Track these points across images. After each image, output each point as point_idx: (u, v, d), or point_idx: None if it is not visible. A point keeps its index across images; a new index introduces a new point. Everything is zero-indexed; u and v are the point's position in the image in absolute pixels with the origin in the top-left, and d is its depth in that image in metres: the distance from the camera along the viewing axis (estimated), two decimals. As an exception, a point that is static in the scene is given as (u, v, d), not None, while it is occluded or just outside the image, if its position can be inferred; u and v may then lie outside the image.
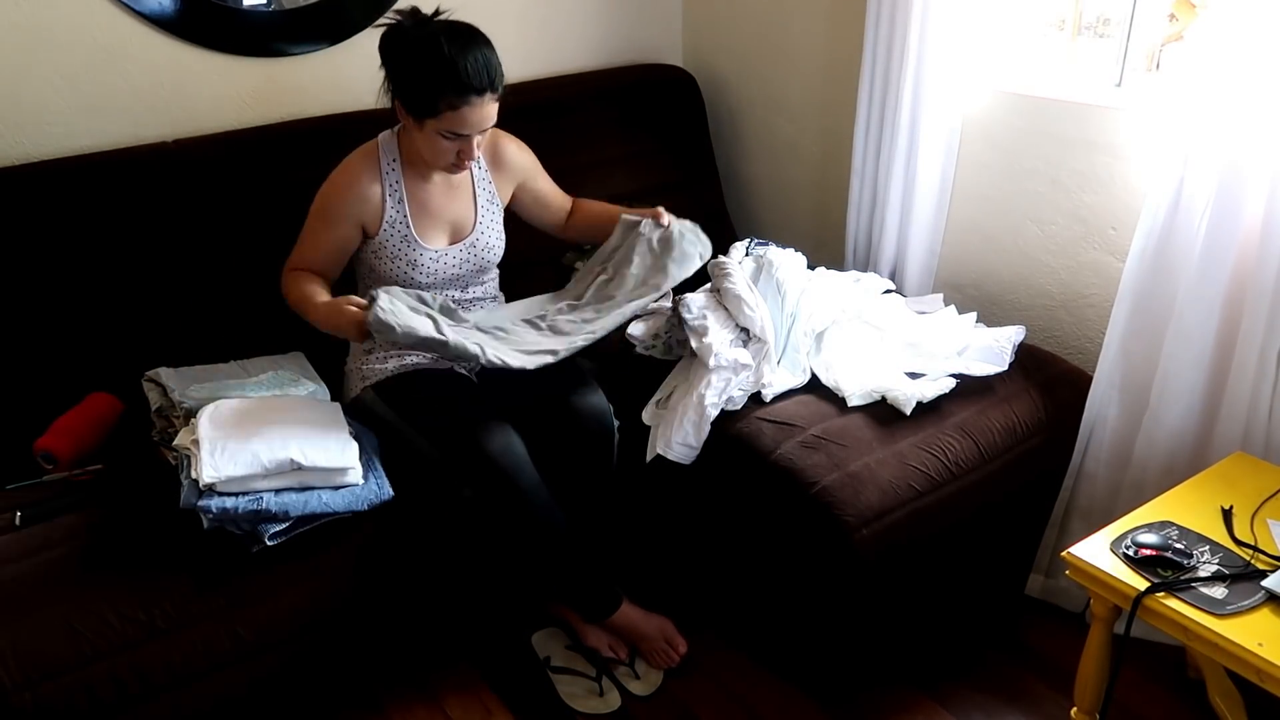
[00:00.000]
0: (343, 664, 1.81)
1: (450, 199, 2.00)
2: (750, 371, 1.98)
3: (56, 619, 1.50)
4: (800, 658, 1.99)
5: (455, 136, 1.82)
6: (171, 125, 2.21)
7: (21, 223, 1.94)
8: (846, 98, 2.52)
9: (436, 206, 1.97)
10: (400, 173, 1.93)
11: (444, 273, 1.99)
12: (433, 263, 1.97)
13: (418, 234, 1.94)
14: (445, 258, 1.98)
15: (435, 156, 1.87)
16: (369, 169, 1.91)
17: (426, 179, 1.96)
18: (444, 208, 1.99)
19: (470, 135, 1.82)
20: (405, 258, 1.95)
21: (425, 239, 1.96)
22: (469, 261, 2.02)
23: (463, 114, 1.78)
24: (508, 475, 1.80)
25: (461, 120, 1.79)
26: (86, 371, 1.97)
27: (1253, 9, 1.68)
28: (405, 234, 1.93)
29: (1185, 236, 1.85)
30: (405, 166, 1.94)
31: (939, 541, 1.87)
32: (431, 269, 1.97)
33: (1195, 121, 1.79)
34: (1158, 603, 1.46)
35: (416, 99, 1.80)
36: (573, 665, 1.99)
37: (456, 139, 1.83)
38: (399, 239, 1.93)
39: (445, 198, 1.99)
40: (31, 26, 2.02)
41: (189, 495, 1.61)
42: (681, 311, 2.01)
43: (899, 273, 2.47)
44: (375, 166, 1.92)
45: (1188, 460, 1.91)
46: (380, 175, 1.92)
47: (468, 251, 2.01)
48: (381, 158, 1.93)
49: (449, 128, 1.80)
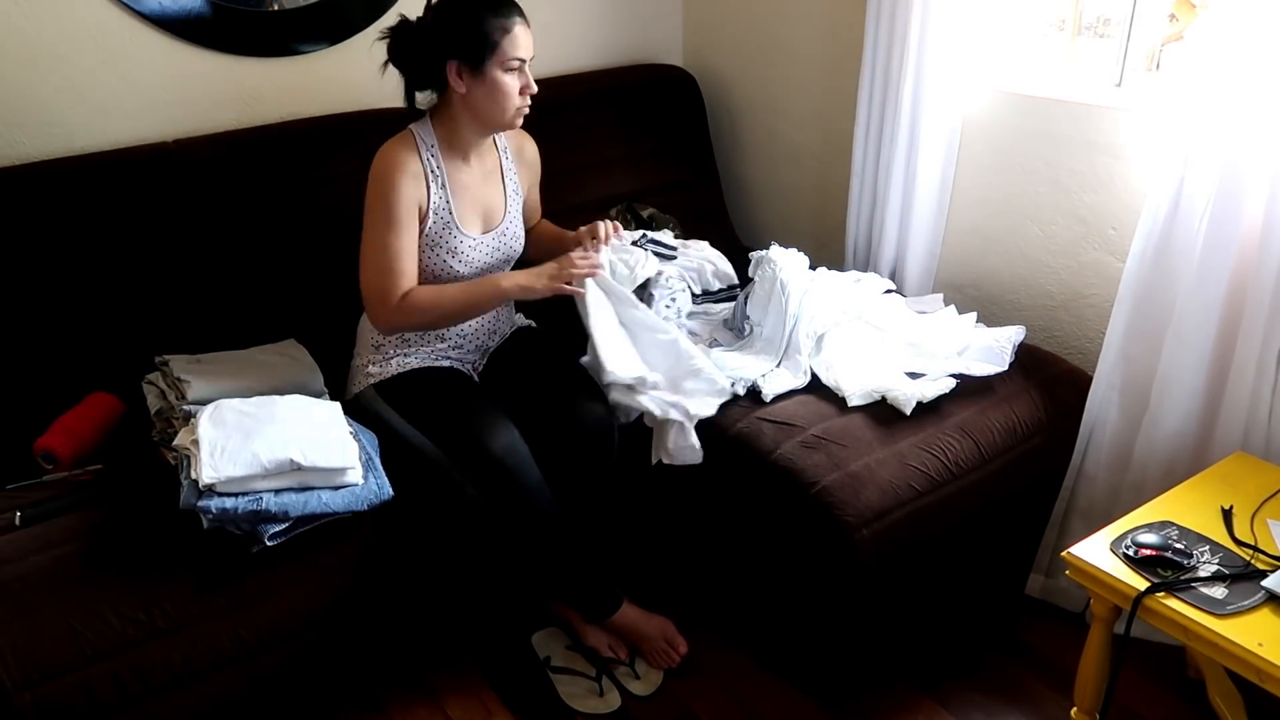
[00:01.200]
0: (343, 664, 1.81)
1: (486, 185, 2.01)
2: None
3: (56, 619, 1.50)
4: (800, 658, 1.99)
5: (518, 66, 1.85)
6: (171, 125, 2.21)
7: (21, 223, 1.94)
8: (846, 98, 2.52)
9: (475, 192, 1.98)
10: (441, 158, 1.93)
11: (479, 262, 2.00)
12: (471, 251, 1.97)
13: (459, 220, 1.95)
14: (481, 246, 1.99)
15: (504, 101, 1.87)
16: (410, 155, 1.89)
17: (465, 163, 1.97)
18: (481, 193, 2.00)
19: (527, 62, 1.87)
20: (446, 245, 1.94)
21: (465, 226, 1.96)
22: (499, 250, 2.03)
23: (515, 35, 1.83)
24: (512, 474, 1.80)
25: (516, 43, 1.84)
26: (87, 371, 1.97)
27: (1253, 9, 1.68)
28: (448, 220, 1.93)
29: (1185, 237, 1.85)
30: (444, 150, 1.94)
31: (939, 541, 1.87)
32: (469, 258, 1.97)
33: (1195, 121, 1.79)
34: (1158, 603, 1.46)
35: (471, 42, 1.82)
36: (573, 665, 1.99)
37: (518, 70, 1.86)
38: (441, 226, 1.93)
39: (482, 184, 2.00)
40: (32, 26, 2.02)
41: (189, 495, 1.61)
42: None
43: (899, 273, 2.47)
44: (415, 154, 1.89)
45: (1188, 460, 1.91)
46: (422, 160, 1.90)
47: (498, 240, 2.02)
48: (420, 146, 1.91)
49: (510, 54, 1.83)
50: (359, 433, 1.81)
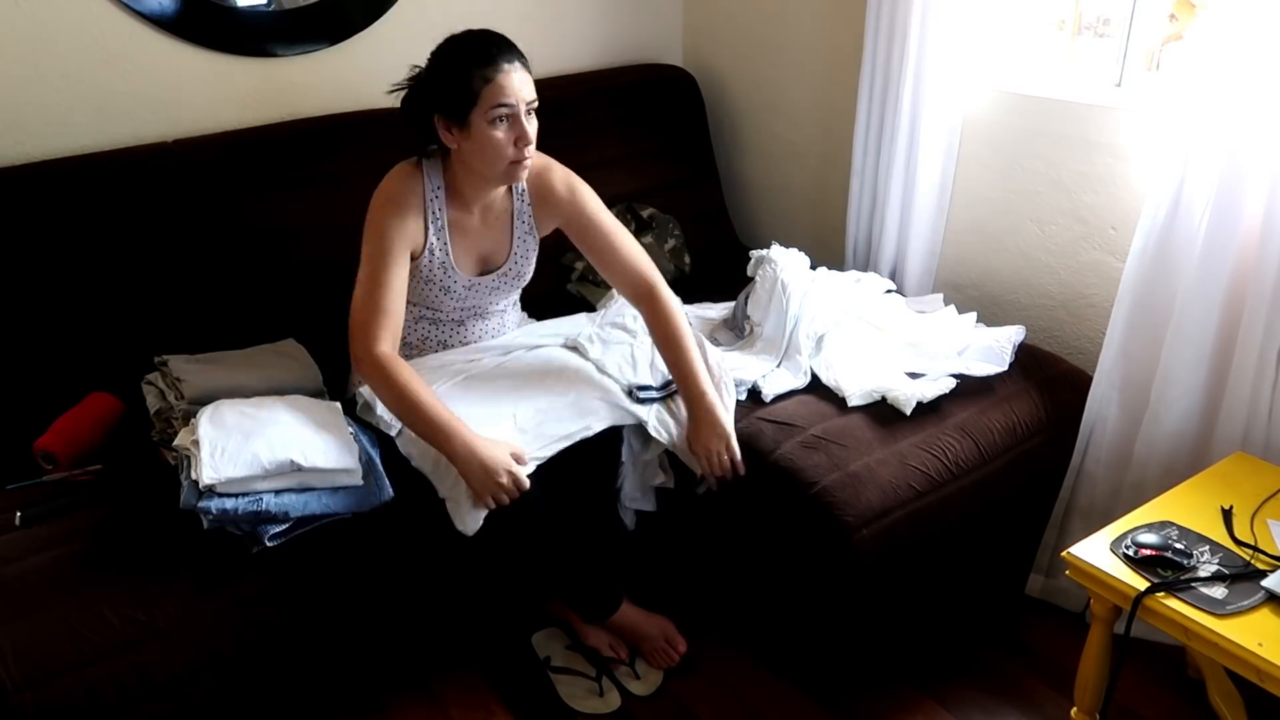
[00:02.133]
0: (343, 664, 1.81)
1: (488, 230, 1.96)
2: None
3: (56, 619, 1.50)
4: (801, 657, 1.99)
5: (505, 117, 1.75)
6: (171, 125, 2.21)
7: (22, 223, 1.94)
8: (846, 98, 2.52)
9: (475, 237, 1.94)
10: (444, 200, 1.89)
11: (472, 300, 1.98)
12: (465, 290, 1.96)
13: (455, 263, 1.92)
14: (477, 286, 1.97)
15: (494, 154, 1.78)
16: (413, 196, 1.85)
17: (469, 210, 1.92)
18: (481, 238, 1.95)
19: (517, 109, 1.75)
20: (439, 283, 1.92)
21: (460, 267, 1.93)
22: (498, 290, 2.01)
23: (499, 84, 1.73)
24: None
25: (500, 90, 1.73)
26: (86, 371, 1.97)
27: (1253, 9, 1.68)
28: (444, 261, 1.91)
29: (1185, 236, 1.85)
30: (450, 195, 1.89)
31: (939, 541, 1.87)
32: (462, 295, 1.96)
33: (1195, 121, 1.79)
34: (1158, 603, 1.46)
35: (453, 95, 1.75)
36: (573, 665, 1.99)
37: (508, 122, 1.76)
38: (436, 265, 1.91)
39: (484, 229, 1.95)
40: (31, 26, 2.02)
41: (189, 496, 1.61)
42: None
43: (899, 273, 2.47)
44: (419, 193, 1.86)
45: (1188, 460, 1.91)
46: (424, 202, 1.86)
47: (498, 281, 1.99)
48: (426, 184, 1.87)
49: (493, 102, 1.73)
50: (359, 434, 1.81)
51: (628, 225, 2.58)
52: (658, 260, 2.54)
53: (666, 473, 2.01)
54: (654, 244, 2.58)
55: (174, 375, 1.87)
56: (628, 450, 1.98)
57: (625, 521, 2.05)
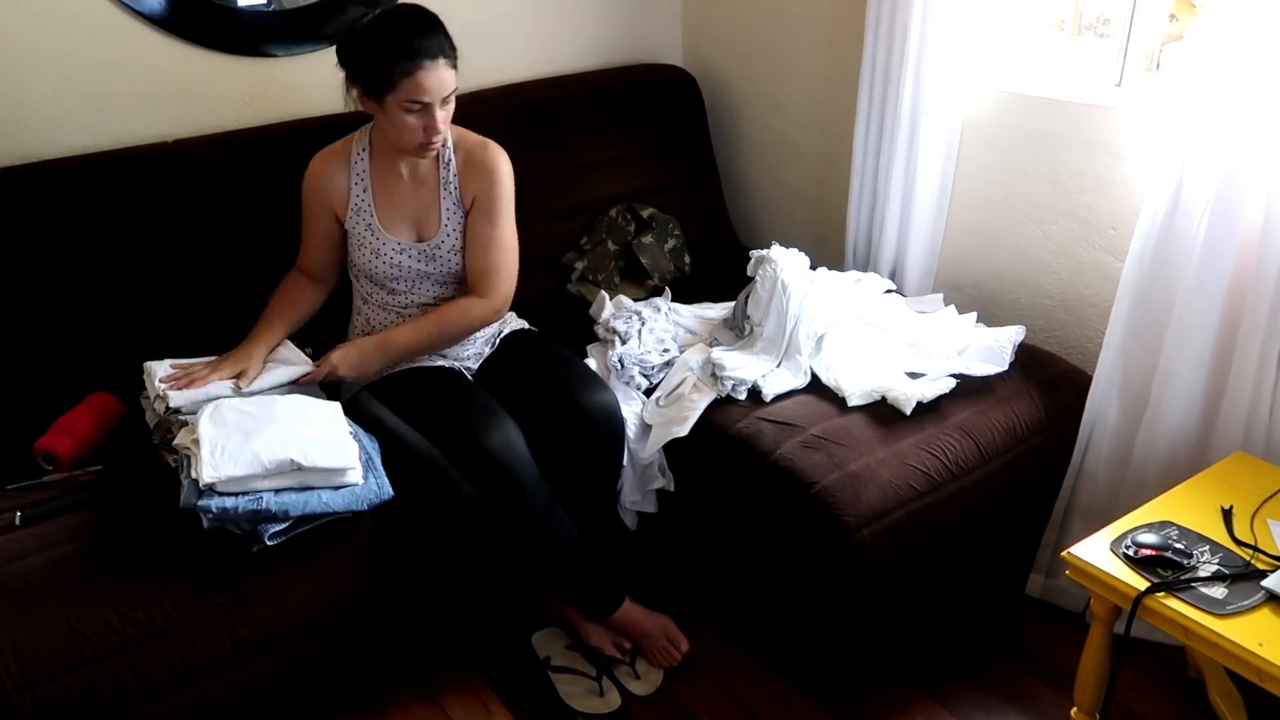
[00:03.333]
0: (343, 663, 1.81)
1: (414, 194, 2.00)
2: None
3: (56, 619, 1.50)
4: (801, 657, 1.99)
5: (418, 107, 1.81)
6: (171, 125, 2.21)
7: (21, 223, 1.94)
8: (846, 98, 2.52)
9: (400, 198, 1.99)
10: (368, 162, 1.97)
11: (409, 267, 2.00)
12: (396, 254, 1.98)
13: (381, 224, 1.97)
14: (409, 253, 1.99)
15: (403, 136, 1.86)
16: (338, 158, 1.98)
17: (394, 172, 1.98)
18: (407, 202, 2.00)
19: (432, 104, 1.81)
20: (369, 246, 1.98)
21: (389, 229, 1.98)
22: (434, 262, 2.01)
23: (418, 80, 1.78)
24: (508, 470, 1.80)
25: (418, 87, 1.79)
26: (86, 371, 1.97)
27: (1253, 9, 1.68)
28: (370, 222, 1.97)
29: (1185, 236, 1.85)
30: (374, 156, 1.97)
31: (939, 541, 1.87)
32: (395, 260, 1.99)
33: (1195, 122, 1.79)
34: (1158, 603, 1.46)
35: (374, 76, 1.82)
36: (573, 665, 1.99)
37: (420, 111, 1.82)
38: (364, 227, 1.97)
39: (410, 193, 2.00)
40: (32, 26, 2.02)
41: (189, 495, 1.61)
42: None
43: (899, 273, 2.47)
44: (345, 155, 1.98)
45: (1188, 460, 1.91)
46: (349, 163, 1.97)
47: (431, 252, 2.00)
48: (353, 148, 1.98)
49: (408, 96, 1.79)
50: (359, 433, 1.81)
51: (628, 225, 2.59)
52: (658, 260, 2.55)
53: (666, 475, 2.02)
54: (654, 244, 2.58)
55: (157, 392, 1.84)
56: (627, 455, 1.99)
57: (626, 523, 2.06)
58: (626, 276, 2.57)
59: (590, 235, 2.57)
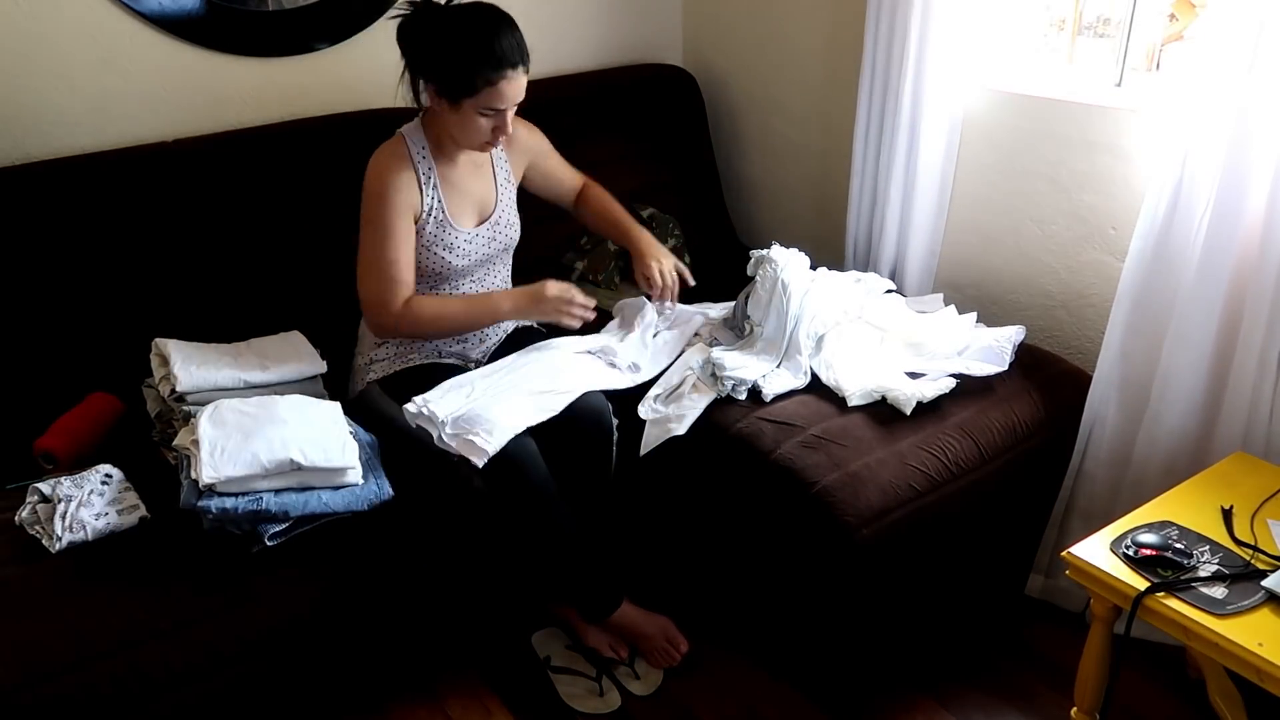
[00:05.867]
0: (343, 664, 1.81)
1: (477, 178, 2.03)
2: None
3: (56, 619, 1.50)
4: (800, 657, 1.99)
5: (493, 113, 1.84)
6: (171, 125, 2.21)
7: (22, 223, 1.94)
8: (846, 98, 2.52)
9: (466, 187, 2.00)
10: (432, 159, 1.95)
11: (475, 254, 2.02)
12: (467, 244, 2.00)
13: (451, 217, 1.97)
14: (476, 239, 2.01)
15: (472, 135, 1.88)
16: (401, 161, 1.92)
17: (455, 161, 1.98)
18: (471, 187, 2.01)
19: (506, 110, 1.85)
20: (442, 242, 1.97)
21: (459, 221, 1.99)
22: (495, 240, 2.05)
23: (500, 89, 1.81)
24: (519, 467, 1.80)
25: (499, 95, 1.82)
26: (86, 371, 1.97)
27: (1253, 9, 1.68)
28: (442, 219, 1.96)
29: (1185, 236, 1.85)
30: (435, 151, 1.96)
31: (939, 541, 1.87)
32: (465, 250, 2.00)
33: (1195, 121, 1.79)
34: (1158, 603, 1.46)
35: (454, 80, 1.82)
36: (573, 665, 1.99)
37: (494, 115, 1.85)
38: (436, 224, 1.96)
39: (473, 178, 2.02)
40: (32, 26, 2.02)
41: (189, 495, 1.61)
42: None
43: (899, 273, 2.46)
44: (406, 157, 1.93)
45: (1188, 460, 1.91)
46: (413, 164, 1.93)
47: (492, 230, 2.05)
48: (410, 148, 1.94)
49: (487, 104, 1.82)
50: (359, 433, 1.81)
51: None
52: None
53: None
54: (654, 244, 2.57)
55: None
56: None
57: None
58: (626, 276, 2.57)
59: (590, 235, 2.57)
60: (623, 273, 2.56)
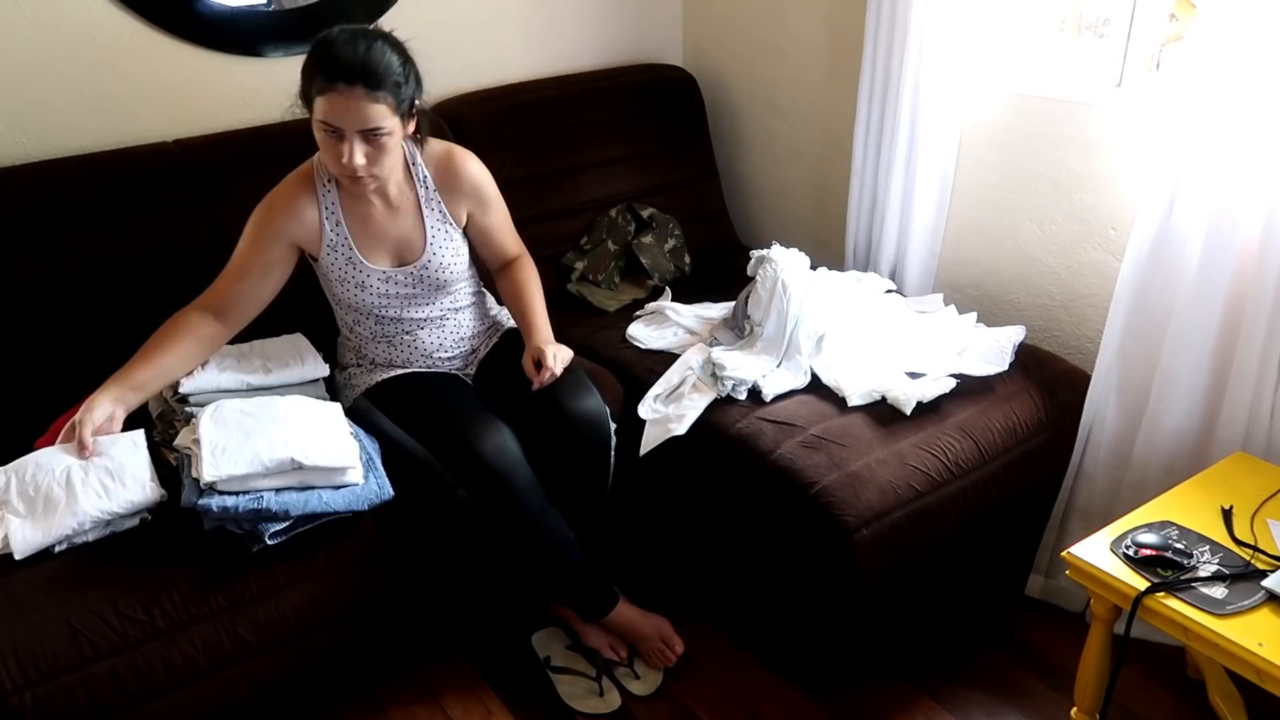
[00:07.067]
0: (343, 664, 1.81)
1: (391, 220, 1.90)
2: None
3: (56, 619, 1.50)
4: (800, 658, 1.99)
5: (330, 130, 1.69)
6: (171, 125, 2.21)
7: (22, 222, 1.94)
8: (847, 98, 2.53)
9: (377, 227, 1.90)
10: (336, 194, 1.86)
11: (396, 293, 1.93)
12: (382, 283, 1.91)
13: (362, 255, 1.88)
14: (395, 279, 1.92)
15: (324, 154, 1.76)
16: (304, 190, 1.85)
17: (364, 200, 1.86)
18: (385, 228, 1.90)
19: (343, 131, 1.69)
20: (353, 280, 1.89)
21: (370, 259, 1.89)
22: (422, 283, 1.95)
23: (329, 99, 1.66)
24: (501, 477, 1.80)
25: (328, 108, 1.67)
26: (86, 371, 1.96)
27: (1253, 9, 1.68)
28: (349, 255, 1.88)
29: (1184, 236, 1.85)
30: (340, 187, 1.86)
31: (939, 541, 1.87)
32: (381, 289, 1.91)
33: (1195, 121, 1.79)
34: (1158, 603, 1.46)
35: (302, 85, 1.72)
36: (573, 665, 1.99)
37: (336, 136, 1.70)
38: (343, 261, 1.88)
39: (386, 219, 1.90)
40: (32, 26, 2.02)
41: (189, 494, 1.61)
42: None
43: (899, 273, 2.47)
44: (310, 187, 1.85)
45: (1188, 460, 1.91)
46: (316, 197, 1.85)
47: (419, 273, 1.93)
48: (316, 179, 1.86)
49: (321, 117, 1.69)
50: (359, 433, 1.81)
51: (628, 225, 2.59)
52: (658, 260, 2.55)
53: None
54: (654, 244, 2.58)
55: None
56: None
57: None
58: (626, 276, 2.57)
59: (590, 235, 2.58)
60: (623, 272, 2.56)
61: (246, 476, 1.61)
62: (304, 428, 1.71)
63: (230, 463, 1.60)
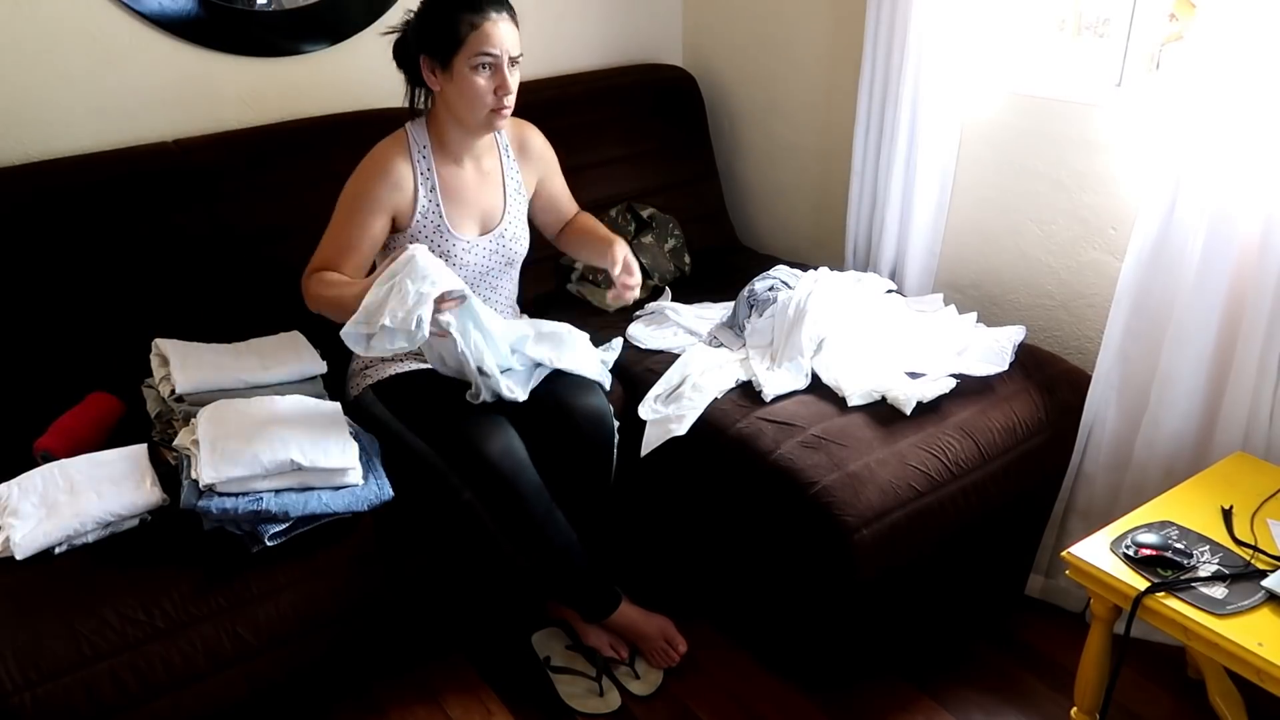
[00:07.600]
0: (342, 664, 1.81)
1: (482, 187, 1.97)
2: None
3: (56, 619, 1.50)
4: (800, 658, 1.99)
5: (487, 65, 1.78)
6: (171, 125, 2.21)
7: (22, 223, 1.94)
8: (846, 98, 2.53)
9: (469, 195, 1.95)
10: (432, 160, 1.90)
11: (474, 265, 1.97)
12: (465, 254, 1.94)
13: (450, 224, 1.92)
14: (476, 249, 1.96)
15: (473, 102, 1.80)
16: (400, 156, 1.87)
17: (459, 166, 1.93)
18: (476, 196, 1.96)
19: (501, 60, 1.78)
20: (437, 249, 1.90)
21: (457, 229, 1.93)
22: (498, 253, 2.00)
23: (485, 31, 1.76)
24: (508, 479, 1.80)
25: (486, 38, 1.76)
26: (86, 371, 1.97)
27: (1253, 9, 1.68)
28: (438, 224, 1.90)
29: (1185, 236, 1.85)
30: (437, 153, 1.91)
31: (939, 541, 1.87)
32: (463, 260, 1.94)
33: (1195, 121, 1.79)
34: (1158, 603, 1.46)
35: (440, 37, 1.78)
36: (573, 665, 1.99)
37: (490, 70, 1.78)
38: (431, 229, 1.90)
39: (478, 186, 1.97)
40: (32, 26, 2.02)
41: (189, 496, 1.61)
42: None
43: (899, 273, 2.47)
44: (406, 154, 1.88)
45: (1188, 460, 1.91)
46: (412, 162, 1.88)
47: (497, 242, 1.99)
48: (412, 145, 1.89)
49: (477, 50, 1.76)
50: (359, 434, 1.81)
51: (628, 225, 2.59)
52: (658, 260, 2.56)
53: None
54: (654, 244, 2.58)
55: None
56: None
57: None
58: (626, 276, 2.57)
59: (590, 235, 2.58)
60: (623, 273, 2.56)
61: (246, 478, 1.61)
62: (303, 429, 1.71)
63: (230, 464, 1.60)
